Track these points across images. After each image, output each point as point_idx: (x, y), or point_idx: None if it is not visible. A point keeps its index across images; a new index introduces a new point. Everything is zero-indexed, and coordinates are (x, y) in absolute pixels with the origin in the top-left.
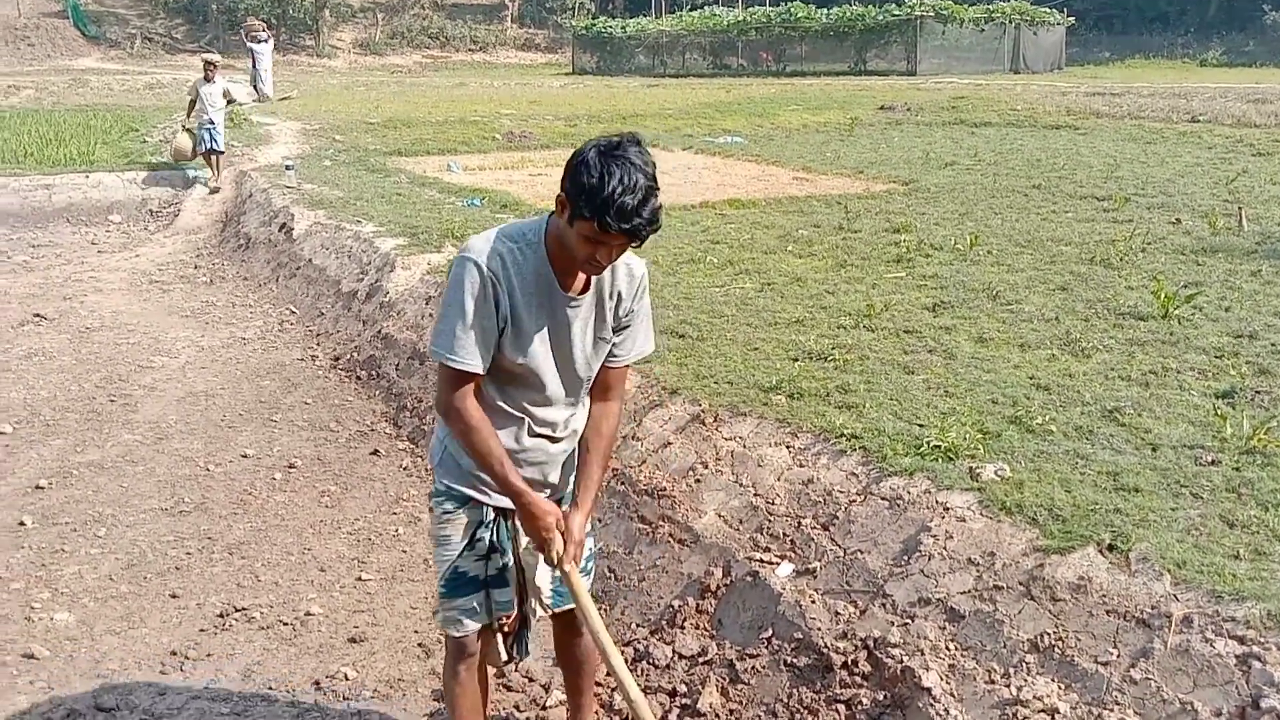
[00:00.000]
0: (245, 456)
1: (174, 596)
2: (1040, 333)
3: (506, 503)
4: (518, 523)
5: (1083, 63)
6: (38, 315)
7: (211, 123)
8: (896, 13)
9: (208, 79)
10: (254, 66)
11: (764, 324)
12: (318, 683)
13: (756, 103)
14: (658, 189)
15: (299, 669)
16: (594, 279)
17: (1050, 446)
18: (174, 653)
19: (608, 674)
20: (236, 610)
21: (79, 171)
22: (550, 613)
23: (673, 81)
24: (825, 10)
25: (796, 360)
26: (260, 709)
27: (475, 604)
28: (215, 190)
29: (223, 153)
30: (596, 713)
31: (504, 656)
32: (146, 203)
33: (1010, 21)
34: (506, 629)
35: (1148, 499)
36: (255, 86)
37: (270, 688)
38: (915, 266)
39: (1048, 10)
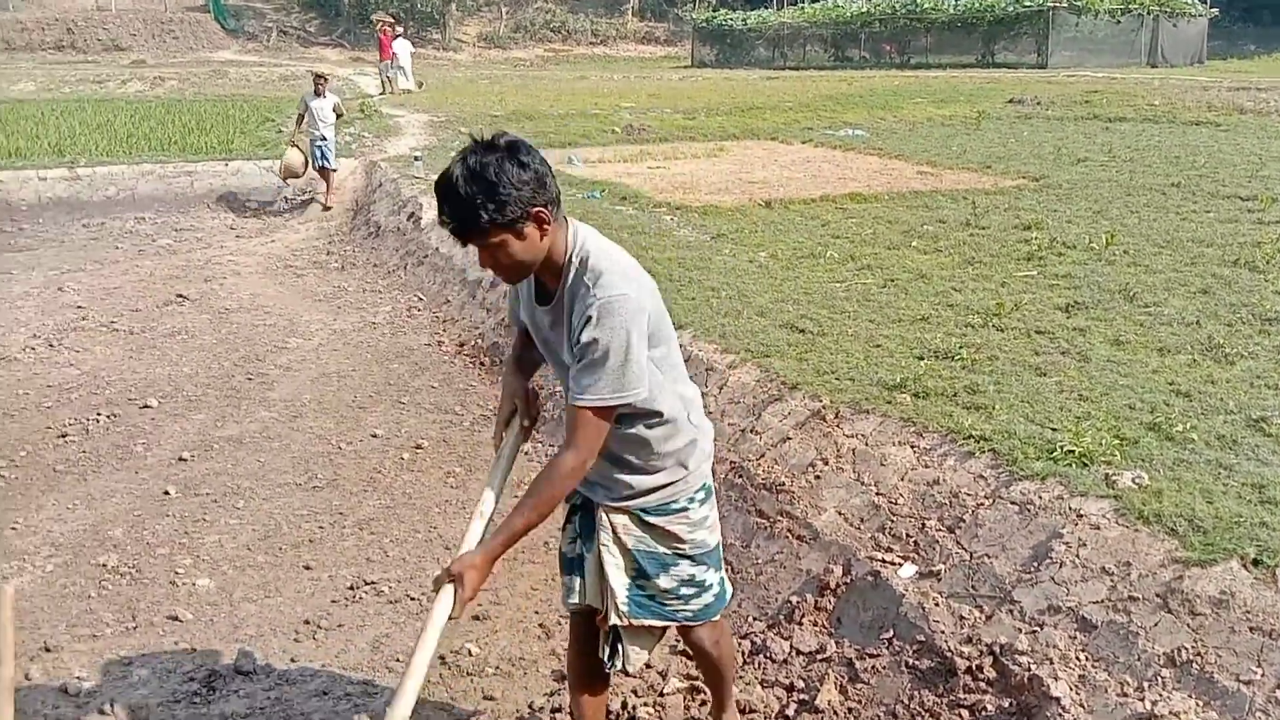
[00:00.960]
0: (375, 436)
1: (307, 568)
2: (1180, 337)
3: (588, 496)
4: (604, 516)
5: (1225, 56)
6: (180, 296)
7: (323, 139)
8: (1028, 4)
9: (317, 93)
10: (393, 61)
11: (887, 320)
12: (443, 658)
13: (879, 95)
14: (476, 187)
15: None
16: (559, 291)
17: (1191, 455)
18: (307, 622)
19: None
20: (366, 583)
21: (219, 159)
22: (627, 621)
23: (793, 74)
24: (953, 1)
25: (922, 358)
26: (387, 679)
27: (567, 583)
28: (327, 209)
29: (335, 170)
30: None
31: (600, 652)
32: (281, 190)
33: (1148, 13)
34: (604, 627)
35: None
36: (386, 79)
37: (397, 659)
38: (1047, 265)
39: (1189, 1)
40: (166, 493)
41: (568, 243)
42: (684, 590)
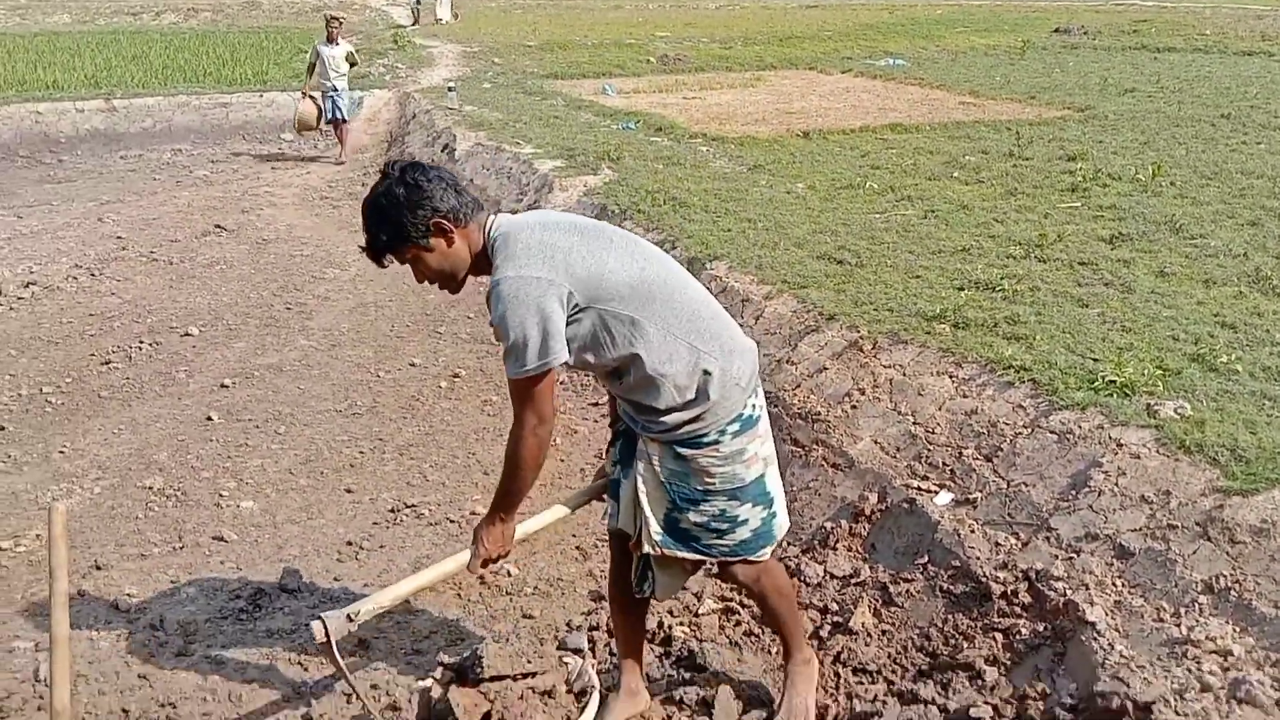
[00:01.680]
0: (413, 365)
1: (349, 491)
2: (1227, 269)
3: (630, 425)
4: (644, 445)
5: None
6: (218, 226)
7: (335, 90)
8: None
9: (330, 39)
10: None
11: (927, 252)
12: (483, 578)
13: (920, 24)
14: (374, 216)
15: None
16: None
17: (1235, 386)
18: (349, 543)
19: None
20: (406, 506)
21: (254, 91)
22: (659, 551)
23: (832, 2)
24: None
25: (962, 289)
26: (428, 597)
27: (608, 505)
28: (340, 163)
29: (347, 122)
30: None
31: (631, 577)
32: (285, 135)
33: None
34: (636, 553)
35: None
36: (415, 9)
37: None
38: (1091, 196)
39: None
40: (209, 418)
41: (485, 239)
42: (716, 525)
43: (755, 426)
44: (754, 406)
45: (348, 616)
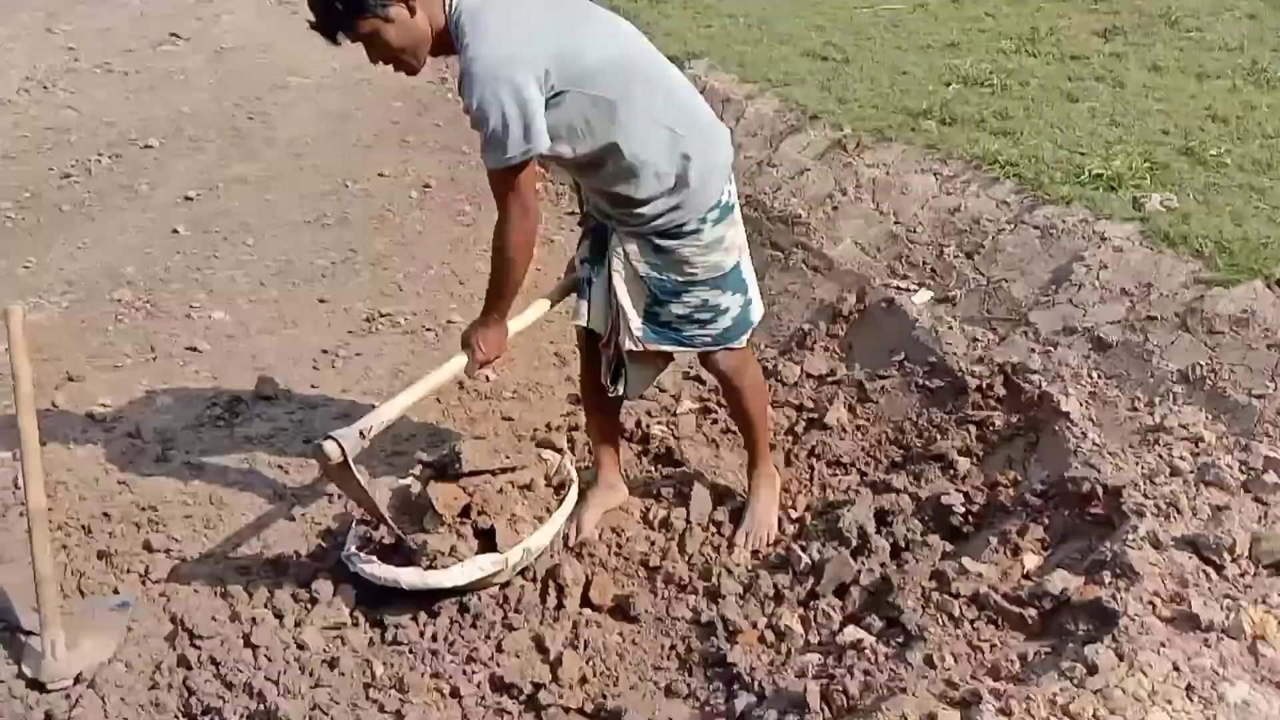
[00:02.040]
0: (382, 176)
1: (322, 301)
2: (1221, 62)
3: (602, 221)
4: (617, 241)
5: None
6: (174, 35)
7: None
8: None
9: None
10: None
11: (915, 47)
12: (461, 384)
13: None
14: None
15: None
16: None
17: (1223, 179)
18: (325, 351)
19: None
20: (382, 316)
21: None
22: (641, 346)
23: None
24: None
25: (950, 85)
26: None
27: (576, 304)
28: None
29: None
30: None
31: (603, 378)
32: None
33: None
34: (607, 352)
35: None
36: None
37: None
38: None
39: None
40: (176, 231)
41: (446, 14)
42: (699, 315)
43: (733, 213)
44: (730, 193)
45: (360, 433)
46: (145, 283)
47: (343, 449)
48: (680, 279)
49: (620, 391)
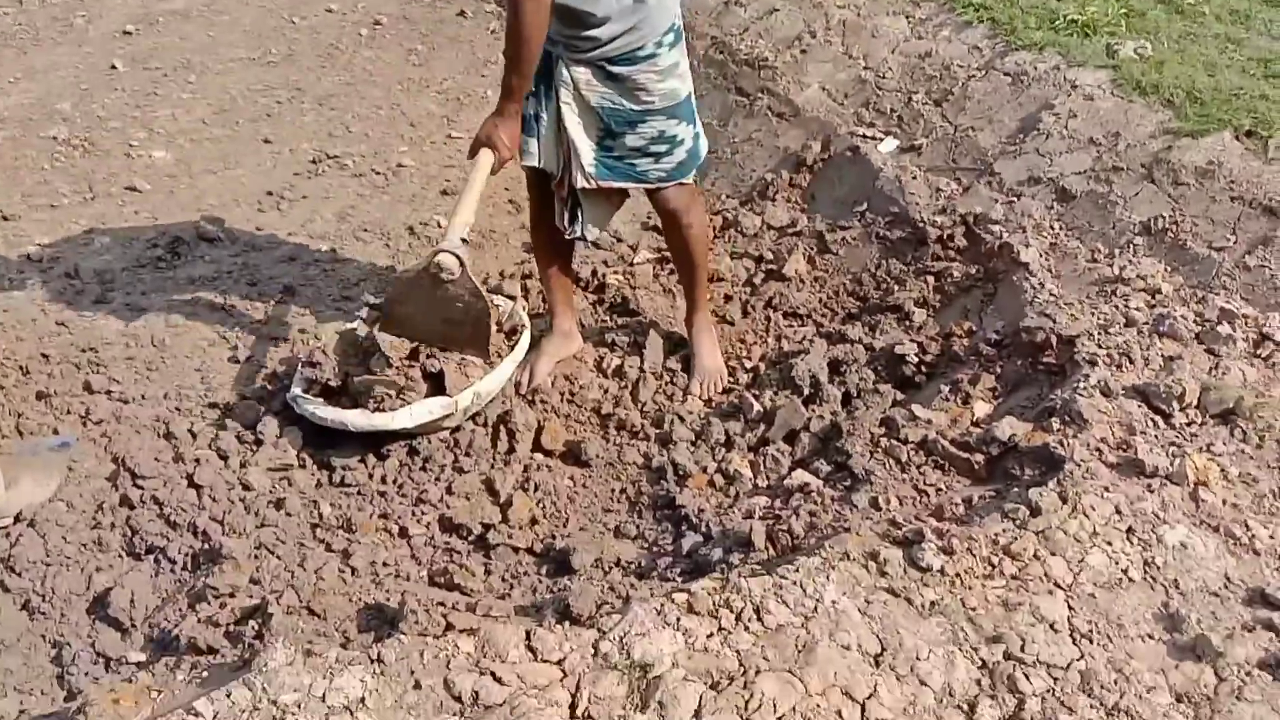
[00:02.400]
0: (330, 11)
1: (267, 142)
2: None
3: (548, 50)
4: (564, 71)
5: None
6: None
7: None
8: None
9: None
10: None
11: None
12: (411, 228)
13: None
14: None
15: (393, 215)
16: None
17: (1200, 29)
18: (270, 193)
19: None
20: (329, 158)
21: None
22: (594, 184)
23: None
24: None
25: None
26: (356, 247)
27: (523, 144)
28: None
29: None
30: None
31: (557, 221)
32: None
33: None
34: (560, 194)
35: None
36: None
37: (365, 229)
38: None
39: None
40: (114, 66)
41: None
42: (654, 148)
43: (683, 38)
44: (680, 16)
45: (462, 240)
46: (82, 120)
47: (460, 260)
48: (636, 108)
49: (578, 233)
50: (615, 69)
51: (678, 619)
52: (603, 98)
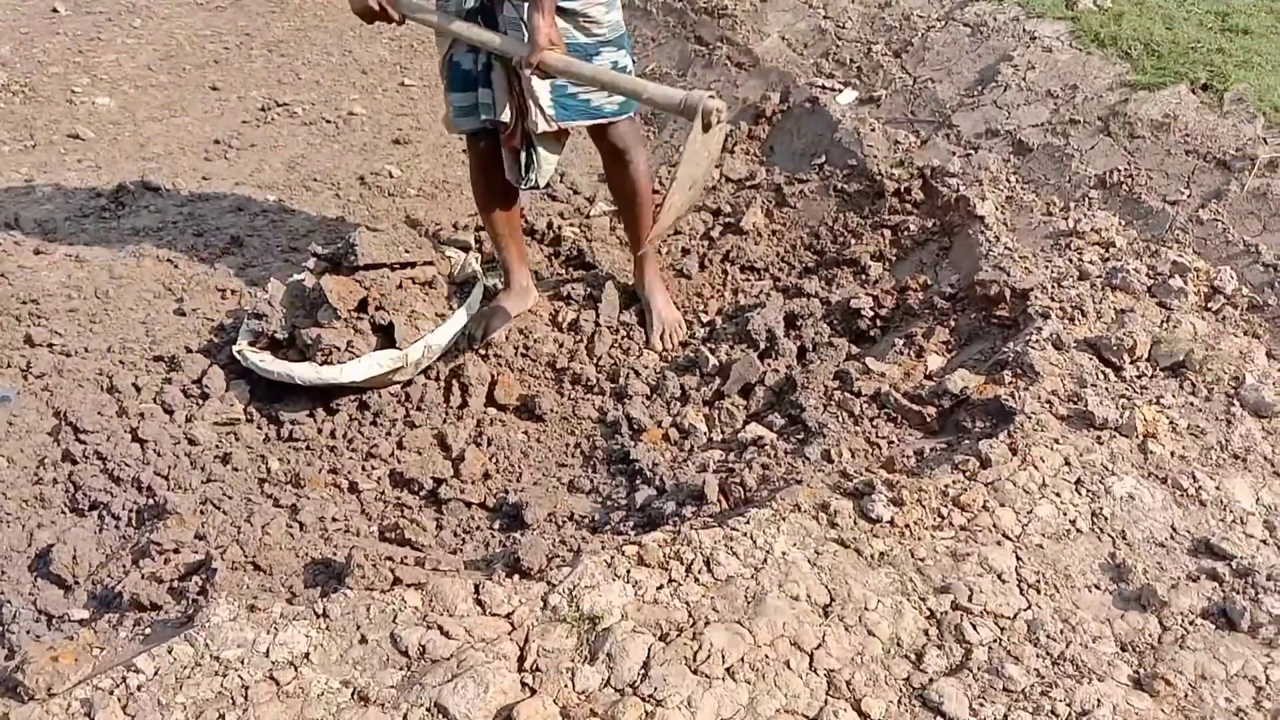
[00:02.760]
0: None
1: (214, 89)
2: None
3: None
4: (511, 12)
5: None
6: None
7: None
8: None
9: None
10: None
11: None
12: (362, 178)
13: None
14: None
15: (343, 164)
16: None
17: None
18: (217, 141)
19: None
20: (278, 105)
21: None
22: (555, 126)
23: None
24: None
25: None
26: (305, 197)
27: (469, 103)
28: None
29: None
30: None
31: (509, 175)
32: None
33: None
34: (512, 145)
35: (1256, 41)
36: None
37: (315, 179)
38: None
39: None
40: (55, 10)
41: None
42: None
43: None
44: None
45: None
46: (22, 65)
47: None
48: (589, 40)
49: (533, 181)
50: (567, 4)
51: (628, 571)
52: (558, 34)
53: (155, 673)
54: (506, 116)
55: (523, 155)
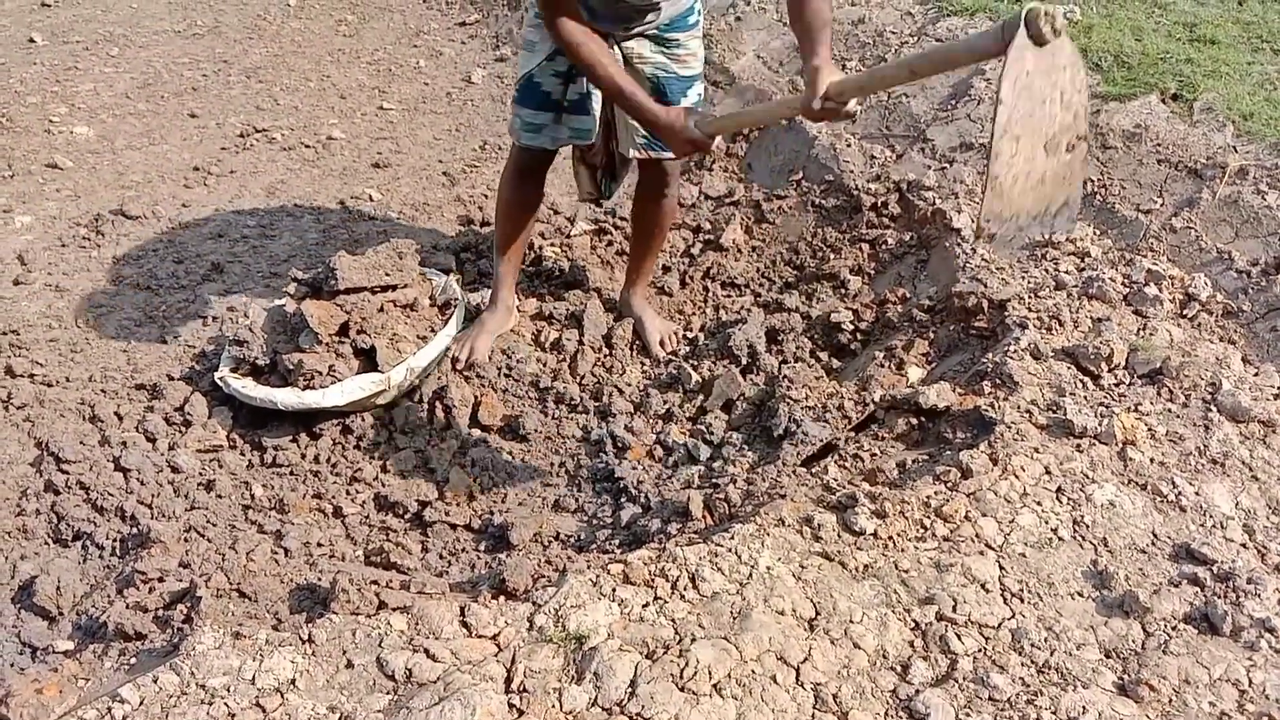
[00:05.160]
0: None
1: (192, 116)
2: None
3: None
4: (615, 49)
5: None
6: None
7: None
8: None
9: None
10: None
11: None
12: (343, 202)
13: None
14: None
15: (323, 189)
16: None
17: None
18: (196, 168)
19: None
20: (257, 131)
21: None
22: (645, 154)
23: None
24: None
25: None
26: (285, 223)
27: (541, 122)
28: None
29: None
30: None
31: (589, 190)
32: None
33: None
34: (597, 164)
35: (1224, 51)
36: None
37: (295, 204)
38: None
39: None
40: (32, 40)
41: None
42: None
43: None
44: None
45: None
46: (0, 95)
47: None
48: (686, 73)
49: (612, 193)
50: (669, 35)
51: (613, 590)
52: (656, 68)
53: (141, 702)
54: (597, 139)
55: (600, 174)
